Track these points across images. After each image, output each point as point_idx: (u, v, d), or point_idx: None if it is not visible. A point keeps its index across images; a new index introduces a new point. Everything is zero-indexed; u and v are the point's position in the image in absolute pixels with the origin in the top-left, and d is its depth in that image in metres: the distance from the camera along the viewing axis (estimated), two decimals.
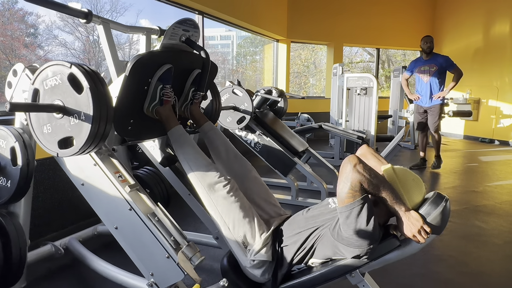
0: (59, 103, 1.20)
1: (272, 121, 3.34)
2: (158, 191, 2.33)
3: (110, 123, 1.22)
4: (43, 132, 1.25)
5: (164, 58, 1.48)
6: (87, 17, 1.43)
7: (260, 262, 1.39)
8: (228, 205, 1.42)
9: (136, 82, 1.40)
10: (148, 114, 1.52)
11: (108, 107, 1.20)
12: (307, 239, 1.36)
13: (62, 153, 1.23)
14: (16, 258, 1.44)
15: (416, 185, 1.33)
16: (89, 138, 1.17)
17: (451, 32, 8.02)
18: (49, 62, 1.20)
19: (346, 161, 1.20)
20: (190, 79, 1.68)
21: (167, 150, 1.83)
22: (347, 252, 1.27)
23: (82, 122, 1.17)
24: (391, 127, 6.78)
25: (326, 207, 1.42)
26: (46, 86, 1.22)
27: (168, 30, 1.45)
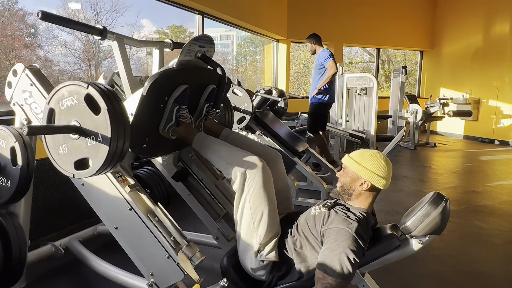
0: (76, 123, 1.16)
1: (272, 121, 3.34)
2: (158, 191, 2.33)
3: (127, 143, 1.19)
4: (59, 153, 1.22)
5: (180, 77, 1.46)
6: (102, 34, 1.43)
7: (268, 263, 1.39)
8: (261, 199, 1.39)
9: (152, 102, 1.38)
10: (163, 134, 1.50)
11: (126, 128, 1.17)
12: (301, 245, 1.37)
13: (78, 174, 1.20)
14: (16, 258, 1.44)
15: (376, 159, 1.35)
16: (107, 160, 1.14)
17: (451, 32, 8.02)
18: (65, 82, 1.18)
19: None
20: (204, 95, 1.65)
21: (179, 164, 1.81)
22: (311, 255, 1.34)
23: (99, 144, 1.14)
24: (391, 127, 6.78)
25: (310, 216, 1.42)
26: (62, 106, 1.19)
27: (184, 47, 1.43)
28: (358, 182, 1.35)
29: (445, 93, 7.77)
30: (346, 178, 1.39)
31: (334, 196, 1.44)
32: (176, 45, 1.83)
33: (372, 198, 1.38)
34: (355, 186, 1.36)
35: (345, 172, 1.40)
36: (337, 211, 1.33)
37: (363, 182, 1.34)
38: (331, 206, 1.37)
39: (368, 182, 1.34)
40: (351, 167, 1.37)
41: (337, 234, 1.24)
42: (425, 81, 8.75)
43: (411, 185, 3.90)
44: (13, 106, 1.57)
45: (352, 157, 1.39)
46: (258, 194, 1.39)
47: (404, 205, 3.19)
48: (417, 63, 9.16)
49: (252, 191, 1.39)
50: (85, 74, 4.69)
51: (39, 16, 1.19)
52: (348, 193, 1.39)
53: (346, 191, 1.39)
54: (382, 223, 1.46)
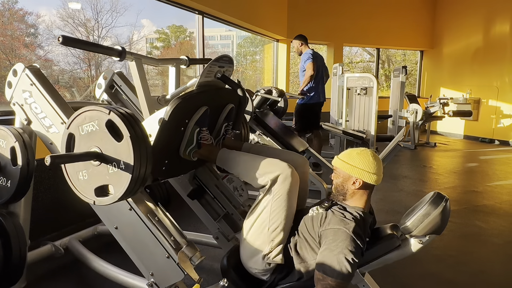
0: (97, 150, 1.14)
1: (272, 121, 3.34)
2: (158, 191, 2.33)
3: (149, 169, 1.17)
4: (79, 179, 1.20)
5: (200, 99, 1.45)
6: (120, 55, 1.42)
7: (274, 266, 1.39)
8: (282, 208, 1.36)
9: (173, 125, 1.36)
10: (184, 157, 1.48)
11: (148, 153, 1.15)
12: (300, 246, 1.37)
13: (99, 201, 1.17)
14: (16, 258, 1.44)
15: (363, 155, 1.37)
16: (130, 187, 1.12)
17: (451, 32, 8.02)
18: (85, 107, 1.15)
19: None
20: (223, 115, 1.63)
21: (195, 182, 1.81)
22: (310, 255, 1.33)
23: (121, 171, 1.12)
24: (391, 127, 6.78)
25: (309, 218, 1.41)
26: (82, 131, 1.17)
27: (205, 69, 1.42)
28: (350, 181, 1.36)
29: (445, 93, 7.77)
30: (338, 179, 1.40)
31: (331, 200, 1.44)
32: (192, 61, 1.85)
33: (367, 196, 1.39)
34: (348, 186, 1.37)
35: (337, 174, 1.42)
36: (334, 211, 1.34)
37: (354, 180, 1.35)
38: (328, 206, 1.38)
39: (359, 180, 1.35)
40: (341, 168, 1.38)
41: (335, 235, 1.24)
42: (425, 81, 8.75)
43: (411, 185, 3.90)
44: (13, 106, 1.57)
45: (341, 158, 1.40)
46: (281, 201, 1.36)
47: (404, 205, 3.19)
48: (417, 63, 9.16)
49: (278, 197, 1.36)
50: (85, 74, 4.69)
51: (59, 41, 1.17)
52: (342, 194, 1.39)
53: (340, 191, 1.40)
54: (382, 223, 1.46)
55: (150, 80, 5.70)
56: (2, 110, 2.32)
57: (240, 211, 1.77)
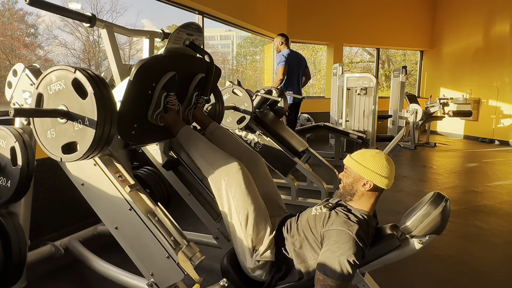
0: (63, 108, 1.19)
1: (272, 121, 3.33)
2: (158, 191, 2.33)
3: (114, 128, 1.21)
4: (47, 137, 1.24)
5: (168, 64, 1.47)
6: (90, 21, 1.43)
7: (264, 263, 1.39)
8: (244, 200, 1.42)
9: (140, 87, 1.39)
10: (152, 121, 1.51)
11: (112, 112, 1.19)
12: (301, 246, 1.38)
13: (66, 158, 1.23)
14: (16, 258, 1.44)
15: (377, 158, 1.35)
16: (93, 143, 1.16)
17: (451, 32, 8.02)
18: (53, 67, 1.19)
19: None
20: (193, 83, 1.67)
21: (169, 154, 1.83)
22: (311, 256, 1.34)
23: (86, 127, 1.16)
24: (391, 127, 6.79)
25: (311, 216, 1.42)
26: (50, 90, 1.21)
27: (172, 34, 1.44)
28: (360, 182, 1.35)
29: (445, 93, 7.77)
30: (349, 179, 1.38)
31: (337, 198, 1.44)
32: (167, 35, 1.82)
33: (375, 199, 1.38)
34: (358, 187, 1.36)
35: (347, 173, 1.40)
36: (338, 212, 1.33)
37: (365, 182, 1.34)
38: (333, 206, 1.37)
39: (370, 182, 1.33)
40: (353, 168, 1.37)
41: (338, 236, 1.23)
42: (425, 81, 8.76)
43: (411, 185, 3.90)
44: (13, 106, 1.57)
45: (354, 158, 1.38)
46: (240, 195, 1.42)
47: (404, 205, 3.19)
48: (417, 63, 9.16)
49: (234, 193, 1.42)
50: None
51: (26, 1, 1.17)
52: (350, 194, 1.38)
53: (348, 191, 1.38)
54: (382, 223, 1.46)
55: None
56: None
57: None
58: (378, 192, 1.37)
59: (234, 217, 1.44)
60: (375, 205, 1.40)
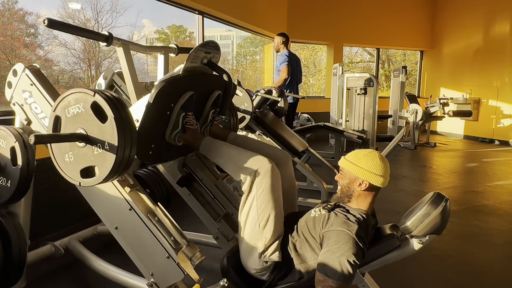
0: (82, 131, 1.16)
1: (272, 121, 3.34)
2: (158, 191, 2.33)
3: (134, 151, 1.19)
4: (65, 160, 1.21)
5: (186, 84, 1.45)
6: (107, 40, 1.42)
7: (271, 264, 1.39)
8: (267, 202, 1.37)
9: (159, 109, 1.37)
10: (170, 141, 1.49)
11: (132, 136, 1.17)
12: (301, 247, 1.37)
13: (84, 182, 1.19)
14: (16, 258, 1.44)
15: (371, 157, 1.36)
16: (114, 168, 1.13)
17: (451, 32, 8.02)
18: (71, 90, 1.16)
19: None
20: (210, 101, 1.64)
21: (184, 170, 1.81)
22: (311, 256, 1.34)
23: (106, 152, 1.13)
24: (391, 127, 6.79)
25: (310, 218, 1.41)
26: (68, 113, 1.18)
27: (191, 53, 1.42)
28: (356, 182, 1.36)
29: (445, 93, 7.77)
30: (345, 180, 1.39)
31: (335, 201, 1.43)
32: (181, 50, 1.83)
33: (372, 198, 1.38)
34: (354, 187, 1.36)
35: (343, 174, 1.41)
36: (337, 213, 1.33)
37: (361, 182, 1.34)
38: (331, 208, 1.37)
39: (366, 182, 1.34)
40: (348, 169, 1.38)
41: (338, 237, 1.24)
42: (425, 81, 8.76)
43: (411, 185, 3.90)
44: (13, 106, 1.57)
45: (348, 159, 1.39)
46: (266, 195, 1.37)
47: (404, 205, 3.19)
48: (417, 63, 9.16)
49: (261, 192, 1.37)
50: (85, 74, 4.69)
51: (45, 23, 1.17)
52: (347, 195, 1.39)
53: (345, 193, 1.39)
54: (382, 223, 1.46)
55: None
56: (2, 110, 2.32)
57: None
58: (375, 191, 1.37)
59: (253, 216, 1.39)
60: (373, 204, 1.41)
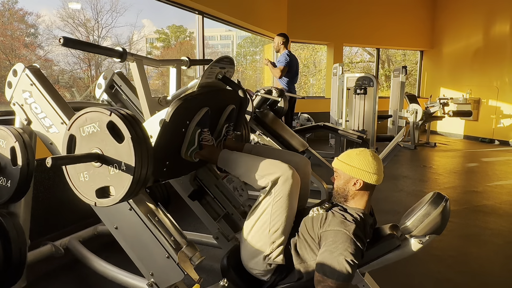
0: (98, 151, 1.14)
1: (272, 121, 3.34)
2: (158, 191, 2.33)
3: (150, 170, 1.17)
4: (80, 180, 1.19)
5: (202, 101, 1.44)
6: (121, 56, 1.41)
7: (275, 266, 1.39)
8: (283, 209, 1.36)
9: (175, 126, 1.36)
10: (186, 158, 1.48)
11: (149, 155, 1.15)
12: (300, 247, 1.37)
13: (100, 202, 1.17)
14: (16, 258, 1.44)
15: (362, 156, 1.37)
16: (131, 188, 1.12)
17: (451, 32, 8.02)
18: (87, 109, 1.15)
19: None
20: (224, 115, 1.63)
21: (195, 183, 1.81)
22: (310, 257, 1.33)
23: (122, 172, 1.11)
24: (391, 127, 6.79)
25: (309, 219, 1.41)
26: (83, 132, 1.16)
27: (206, 70, 1.42)
28: (350, 182, 1.36)
29: (445, 93, 7.77)
30: (339, 181, 1.40)
31: (332, 202, 1.44)
32: (193, 62, 1.84)
33: (368, 197, 1.38)
34: (349, 187, 1.37)
35: (337, 175, 1.42)
36: (334, 212, 1.33)
37: (355, 181, 1.35)
38: (329, 207, 1.37)
39: (360, 180, 1.34)
40: (341, 169, 1.38)
41: (335, 236, 1.24)
42: (425, 81, 8.76)
43: (411, 185, 3.90)
44: (13, 106, 1.57)
45: (341, 159, 1.40)
46: (282, 202, 1.36)
47: (404, 205, 3.19)
48: (417, 63, 9.16)
49: (278, 199, 1.36)
50: (85, 74, 4.69)
51: (61, 42, 1.15)
52: (343, 196, 1.39)
53: (341, 194, 1.40)
54: (382, 223, 1.46)
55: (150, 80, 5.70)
56: (2, 110, 2.32)
57: (240, 211, 1.77)
58: (370, 189, 1.38)
59: (265, 220, 1.37)
60: (370, 202, 1.41)
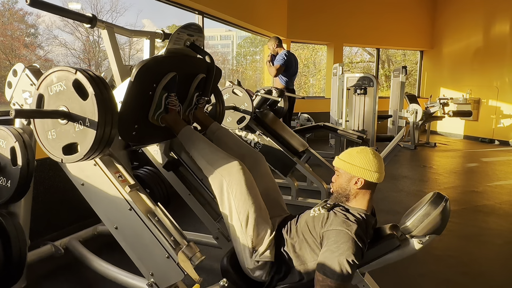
0: (64, 109, 1.19)
1: (272, 121, 3.34)
2: (158, 191, 2.33)
3: (115, 129, 1.21)
4: (48, 138, 1.24)
5: (169, 65, 1.47)
6: (91, 22, 1.42)
7: (263, 263, 1.39)
8: (244, 200, 1.41)
9: (141, 88, 1.39)
10: (153, 121, 1.52)
11: (113, 113, 1.19)
12: (300, 247, 1.37)
13: (66, 159, 1.22)
14: (16, 258, 1.44)
15: (363, 154, 1.37)
16: (94, 145, 1.16)
17: (451, 32, 8.02)
18: (54, 68, 1.19)
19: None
20: (194, 84, 1.67)
21: (170, 154, 1.82)
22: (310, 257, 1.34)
23: (87, 129, 1.16)
24: (391, 127, 6.79)
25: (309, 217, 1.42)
26: (51, 91, 1.21)
27: (173, 35, 1.44)
28: (352, 181, 1.36)
29: (445, 93, 7.77)
30: (340, 180, 1.40)
31: (333, 201, 1.44)
32: (167, 35, 1.82)
33: (369, 196, 1.38)
34: (350, 186, 1.36)
35: (339, 174, 1.41)
36: (336, 212, 1.33)
37: (356, 180, 1.35)
38: (331, 207, 1.37)
39: (361, 179, 1.34)
40: (342, 168, 1.38)
41: (337, 236, 1.24)
42: (425, 81, 8.76)
43: (411, 185, 3.90)
44: (13, 106, 1.57)
45: (341, 158, 1.40)
46: (241, 195, 1.41)
47: (404, 205, 3.19)
48: (417, 63, 9.16)
49: (235, 193, 1.42)
50: None
51: (27, 2, 1.16)
52: (345, 195, 1.38)
53: (342, 193, 1.39)
54: (382, 223, 1.46)
55: None
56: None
57: None
58: (371, 188, 1.38)
59: (234, 217, 1.43)
60: (372, 202, 1.40)
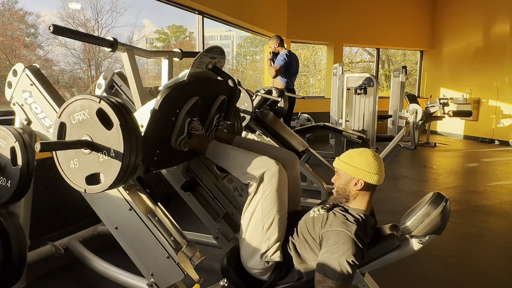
0: (88, 138, 1.16)
1: (272, 121, 3.34)
2: (158, 191, 2.33)
3: (139, 157, 1.19)
4: (70, 167, 1.21)
5: (192, 89, 1.45)
6: (112, 46, 1.41)
7: (273, 264, 1.39)
8: (273, 205, 1.37)
9: (164, 115, 1.37)
10: (175, 147, 1.49)
11: (138, 142, 1.17)
12: (300, 247, 1.37)
13: (90, 189, 1.19)
14: (16, 258, 1.44)
15: (364, 156, 1.36)
16: (120, 175, 1.14)
17: (451, 32, 8.02)
18: (76, 96, 1.17)
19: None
20: (215, 106, 1.64)
21: (188, 174, 1.81)
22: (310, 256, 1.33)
23: (111, 159, 1.13)
24: (391, 127, 6.79)
25: (309, 219, 1.41)
26: (73, 120, 1.18)
27: (196, 59, 1.42)
28: (352, 182, 1.36)
29: (445, 93, 7.77)
30: (340, 181, 1.39)
31: (332, 202, 1.43)
32: (186, 54, 1.84)
33: (369, 197, 1.38)
34: (350, 187, 1.36)
35: (338, 175, 1.41)
36: (335, 213, 1.33)
37: (356, 181, 1.35)
38: (330, 208, 1.37)
39: (361, 181, 1.34)
40: (342, 169, 1.38)
41: (337, 237, 1.24)
42: (425, 81, 8.76)
43: (411, 185, 3.90)
44: (13, 106, 1.57)
45: (342, 159, 1.40)
46: (271, 198, 1.37)
47: (404, 205, 3.19)
48: (417, 63, 9.16)
49: (267, 194, 1.37)
50: (85, 74, 4.69)
51: (50, 30, 1.17)
52: (344, 196, 1.38)
53: (342, 194, 1.39)
54: (382, 223, 1.46)
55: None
56: (2, 110, 2.32)
57: (240, 211, 1.77)
58: (371, 189, 1.38)
59: (257, 217, 1.39)
60: (371, 203, 1.41)
